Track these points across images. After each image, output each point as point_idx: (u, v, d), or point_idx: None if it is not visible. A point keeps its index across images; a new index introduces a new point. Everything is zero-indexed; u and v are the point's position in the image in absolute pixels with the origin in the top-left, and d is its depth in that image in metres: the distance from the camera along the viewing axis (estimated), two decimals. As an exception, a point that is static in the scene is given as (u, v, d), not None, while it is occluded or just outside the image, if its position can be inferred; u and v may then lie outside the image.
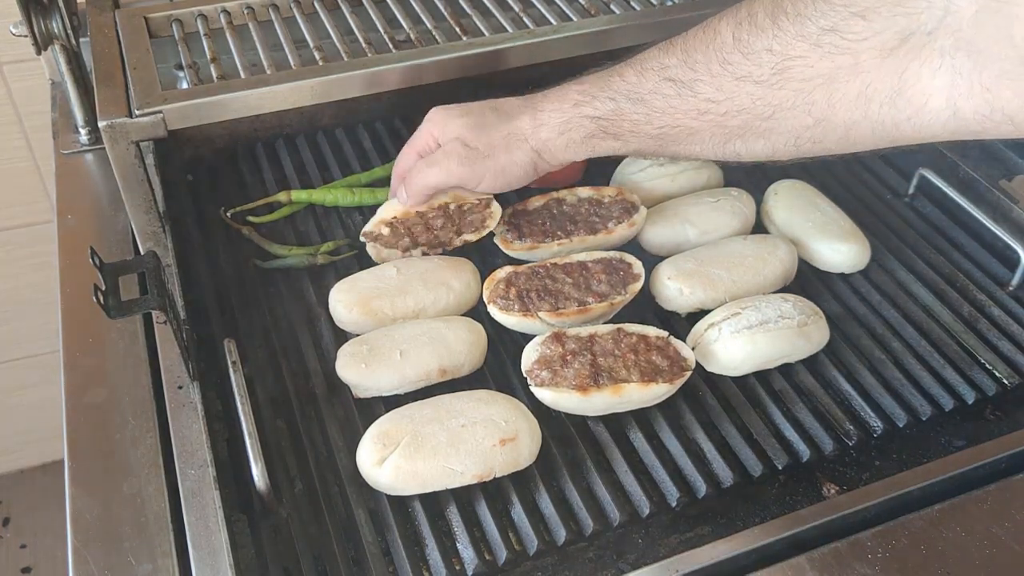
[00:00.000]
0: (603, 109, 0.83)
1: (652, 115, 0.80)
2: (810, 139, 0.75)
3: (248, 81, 0.98)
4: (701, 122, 0.78)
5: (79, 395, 0.86)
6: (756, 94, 0.74)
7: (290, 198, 1.06)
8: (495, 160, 0.88)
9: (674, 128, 0.80)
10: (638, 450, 0.85)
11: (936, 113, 0.66)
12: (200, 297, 0.96)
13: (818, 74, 0.70)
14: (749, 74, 0.73)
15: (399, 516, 0.78)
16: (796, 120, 0.73)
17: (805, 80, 0.70)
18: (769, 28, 0.71)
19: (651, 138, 0.82)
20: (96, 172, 1.14)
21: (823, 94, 0.70)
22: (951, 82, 0.64)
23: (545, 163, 0.90)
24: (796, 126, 0.74)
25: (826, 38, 0.68)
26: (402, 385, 0.86)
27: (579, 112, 0.85)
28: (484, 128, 0.88)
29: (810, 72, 0.70)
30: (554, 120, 0.86)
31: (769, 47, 0.71)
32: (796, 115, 0.73)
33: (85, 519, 0.76)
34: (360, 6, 1.14)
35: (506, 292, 0.91)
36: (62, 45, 1.06)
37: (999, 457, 0.83)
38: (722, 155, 0.81)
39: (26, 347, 1.75)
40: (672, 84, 0.78)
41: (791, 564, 0.74)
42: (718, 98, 0.76)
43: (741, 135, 0.78)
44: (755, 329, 0.88)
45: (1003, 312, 1.00)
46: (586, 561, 0.77)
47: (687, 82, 0.77)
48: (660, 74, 0.79)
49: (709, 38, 0.76)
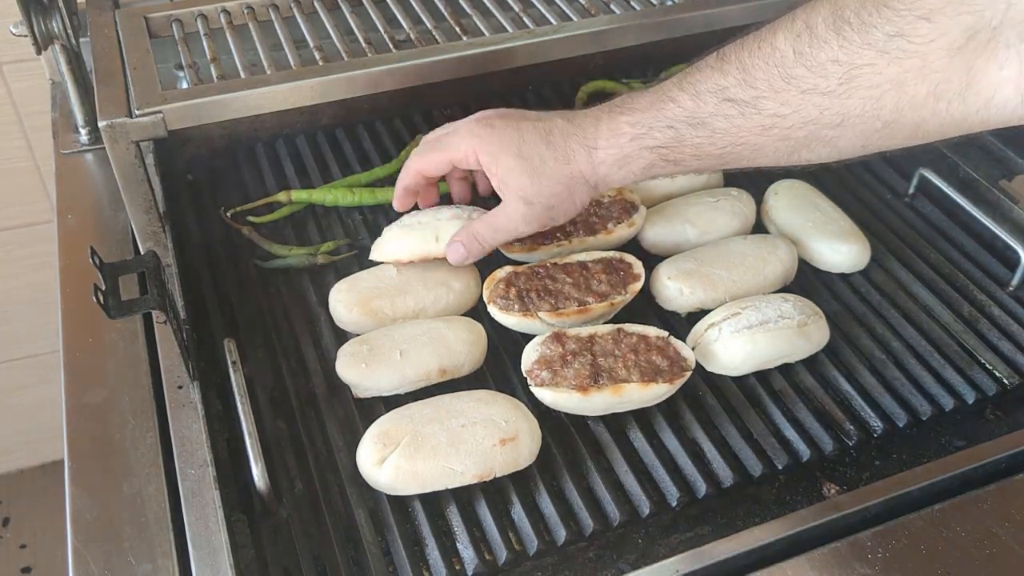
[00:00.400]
0: (663, 139, 0.81)
1: (715, 136, 0.79)
2: (878, 140, 0.74)
3: (248, 81, 0.98)
4: (766, 138, 0.77)
5: (79, 395, 0.86)
6: (823, 105, 0.73)
7: (290, 198, 1.06)
8: (560, 208, 0.87)
9: (738, 146, 0.79)
10: (638, 450, 0.85)
11: (1004, 103, 0.67)
12: (200, 297, 0.96)
13: (887, 80, 0.69)
14: (815, 87, 0.72)
15: (399, 516, 0.78)
16: (865, 125, 0.73)
17: (874, 87, 0.70)
18: (833, 39, 0.71)
19: (714, 158, 0.81)
20: (96, 172, 1.14)
21: (892, 99, 0.70)
22: (1018, 71, 0.65)
23: (598, 192, 0.89)
24: (865, 131, 0.73)
25: (893, 44, 0.68)
26: (402, 385, 0.86)
27: (638, 144, 0.82)
28: (544, 178, 0.85)
29: (879, 79, 0.70)
30: (611, 157, 0.84)
31: (835, 58, 0.71)
32: (865, 121, 0.72)
33: (85, 519, 0.76)
34: (360, 6, 1.14)
35: (506, 292, 0.91)
36: (62, 45, 1.06)
37: (999, 457, 0.83)
38: (786, 163, 0.80)
39: (26, 347, 1.75)
40: (734, 105, 0.77)
41: (791, 564, 0.74)
42: (784, 112, 0.75)
43: (807, 145, 0.77)
44: (755, 329, 0.88)
45: (1003, 312, 1.00)
46: (586, 561, 0.77)
47: (750, 101, 0.76)
48: (719, 95, 0.77)
49: (767, 54, 0.75)
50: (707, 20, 1.13)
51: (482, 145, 0.86)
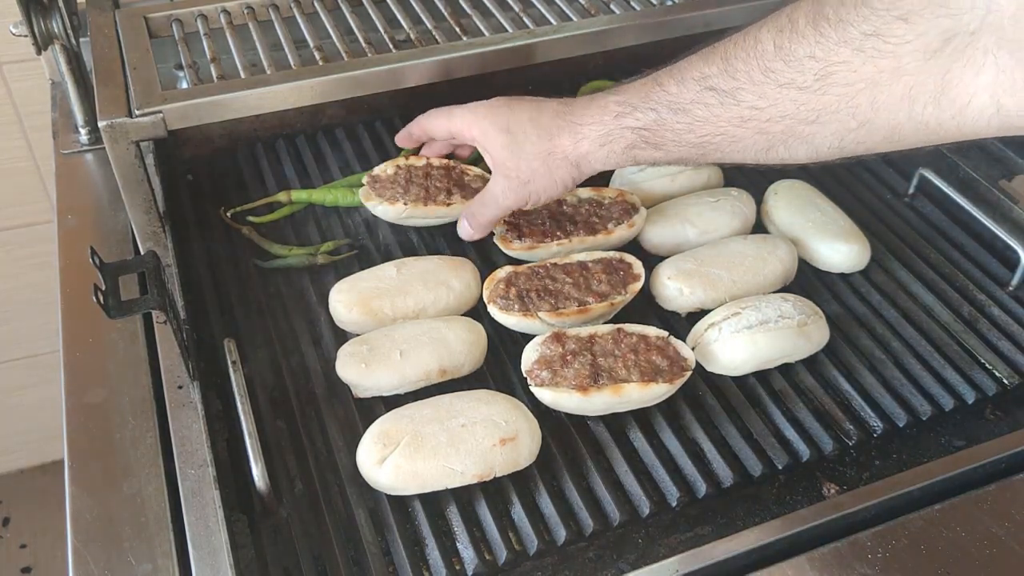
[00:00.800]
0: (644, 120, 0.83)
1: (694, 124, 0.80)
2: (854, 141, 0.75)
3: (248, 81, 0.98)
4: (744, 129, 0.78)
5: (79, 395, 0.86)
6: (800, 100, 0.74)
7: (290, 198, 1.06)
8: (537, 183, 0.91)
9: (716, 136, 0.80)
10: (638, 450, 0.85)
11: (980, 111, 0.66)
12: (200, 297, 0.96)
13: (861, 78, 0.70)
14: (792, 81, 0.73)
15: (399, 516, 0.78)
16: (840, 124, 0.73)
17: (848, 85, 0.70)
18: (811, 35, 0.71)
19: (693, 147, 0.82)
20: (96, 172, 1.14)
21: (867, 98, 0.70)
22: (994, 80, 0.64)
23: (582, 173, 0.91)
24: (840, 129, 0.74)
25: (868, 43, 0.68)
26: (402, 385, 0.86)
27: (620, 123, 0.85)
28: (523, 154, 0.89)
29: (853, 77, 0.70)
30: (594, 133, 0.86)
31: (812, 54, 0.71)
32: (840, 119, 0.73)
33: (85, 519, 0.76)
34: (360, 6, 1.14)
35: (506, 292, 0.91)
36: (62, 45, 1.06)
37: (999, 457, 0.83)
38: (764, 160, 0.81)
39: (26, 347, 1.75)
40: (714, 93, 0.78)
41: (791, 564, 0.74)
42: (761, 105, 0.76)
43: (784, 140, 0.77)
44: (755, 329, 0.88)
45: (1003, 312, 1.00)
46: (586, 561, 0.77)
47: (729, 91, 0.77)
48: (701, 83, 0.79)
49: (750, 46, 0.76)
50: (707, 20, 1.13)
51: (476, 121, 0.93)
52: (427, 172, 1.04)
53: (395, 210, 1.01)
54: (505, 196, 0.93)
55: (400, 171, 1.04)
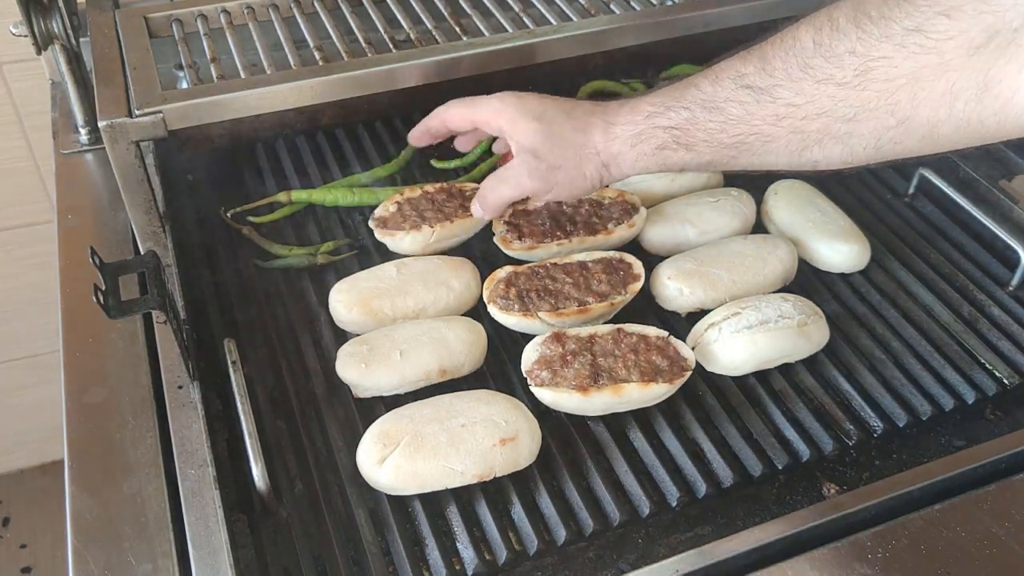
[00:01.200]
0: (676, 119, 0.82)
1: (728, 123, 0.79)
2: (891, 140, 0.74)
3: (248, 81, 0.98)
4: (779, 128, 0.77)
5: (79, 395, 0.86)
6: (838, 96, 0.73)
7: (290, 198, 1.06)
8: (565, 173, 0.88)
9: (750, 136, 0.79)
10: (638, 450, 0.85)
11: (1022, 107, 0.66)
12: (200, 297, 0.96)
13: (902, 74, 0.69)
14: (831, 77, 0.73)
15: (399, 516, 0.78)
16: (878, 121, 0.73)
17: (889, 80, 0.70)
18: (852, 31, 0.71)
19: (725, 147, 0.81)
20: (96, 172, 1.14)
21: (907, 94, 0.70)
22: None
23: (611, 176, 0.89)
24: (878, 127, 0.73)
25: (911, 38, 0.68)
26: (402, 385, 0.86)
27: (652, 123, 0.83)
28: (556, 140, 0.87)
29: (894, 72, 0.70)
30: (626, 133, 0.85)
31: (852, 49, 0.71)
32: (879, 116, 0.72)
33: (85, 519, 0.76)
34: (360, 6, 1.14)
35: (506, 292, 0.91)
36: (62, 45, 1.06)
37: (999, 457, 0.83)
38: (798, 164, 0.80)
39: (26, 347, 1.75)
40: (750, 91, 0.77)
41: (791, 564, 0.74)
42: (798, 102, 0.75)
43: (819, 140, 0.76)
44: (755, 329, 0.88)
45: (1003, 312, 1.00)
46: (586, 561, 0.77)
47: (766, 88, 0.76)
48: (737, 82, 0.78)
49: (788, 45, 0.75)
50: (707, 20, 1.13)
51: (504, 109, 0.89)
52: (430, 198, 1.01)
53: (423, 236, 0.98)
54: (530, 177, 0.88)
55: (402, 205, 1.01)
